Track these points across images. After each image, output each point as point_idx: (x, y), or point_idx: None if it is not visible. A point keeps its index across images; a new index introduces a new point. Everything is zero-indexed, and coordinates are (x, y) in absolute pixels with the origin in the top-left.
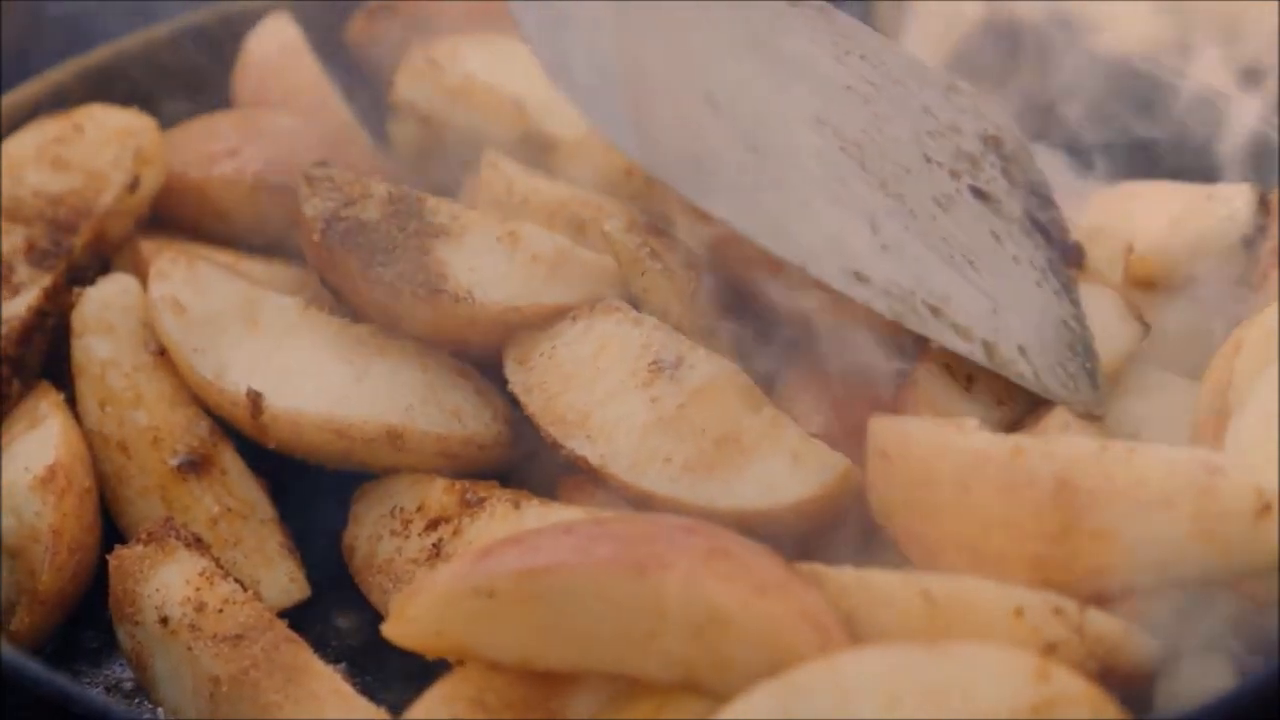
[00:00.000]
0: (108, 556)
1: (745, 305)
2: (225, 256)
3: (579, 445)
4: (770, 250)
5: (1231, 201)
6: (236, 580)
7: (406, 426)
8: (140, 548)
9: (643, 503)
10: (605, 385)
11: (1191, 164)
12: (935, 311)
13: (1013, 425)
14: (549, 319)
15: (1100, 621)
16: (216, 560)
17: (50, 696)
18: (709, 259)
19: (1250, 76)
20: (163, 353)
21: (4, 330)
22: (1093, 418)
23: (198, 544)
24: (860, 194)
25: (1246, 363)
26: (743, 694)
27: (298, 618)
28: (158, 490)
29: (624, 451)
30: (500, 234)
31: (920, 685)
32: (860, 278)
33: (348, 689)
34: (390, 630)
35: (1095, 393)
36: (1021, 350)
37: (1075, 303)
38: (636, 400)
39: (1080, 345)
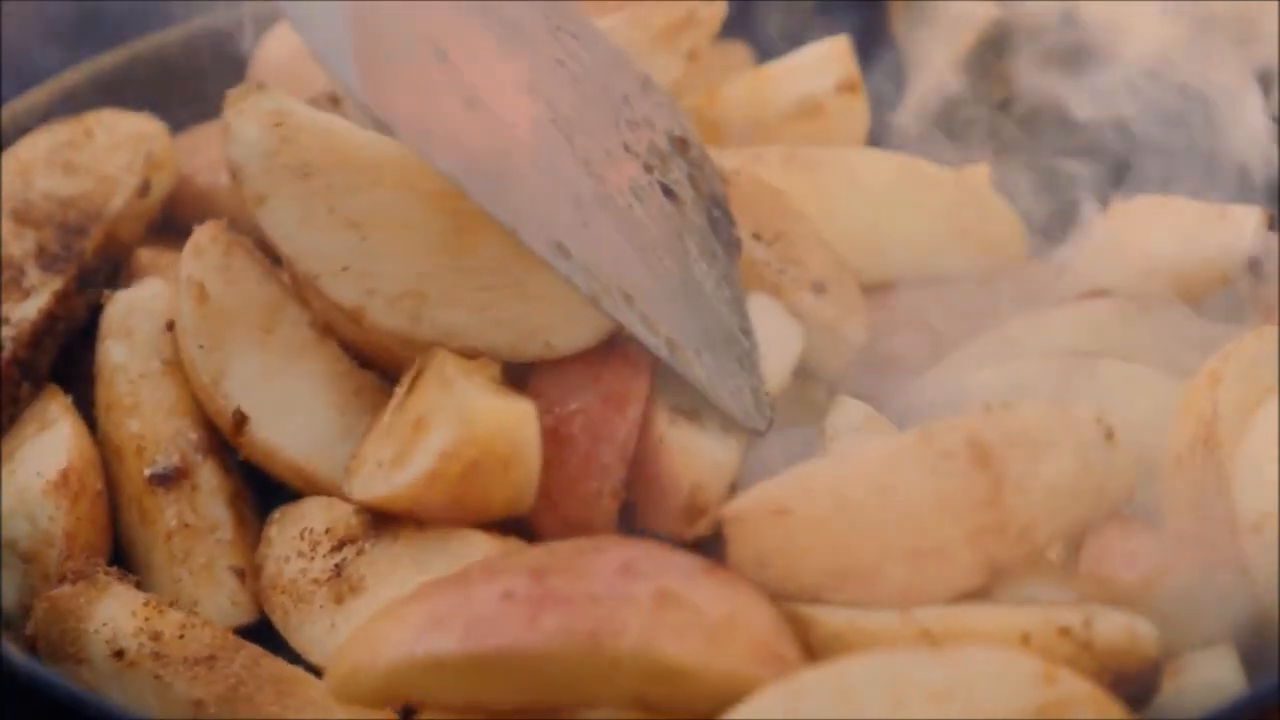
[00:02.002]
0: (34, 600)
1: None
2: None
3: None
4: (484, 208)
5: (1242, 223)
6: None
7: None
8: (69, 587)
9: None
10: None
11: (1205, 171)
12: (628, 299)
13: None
14: None
15: (1107, 630)
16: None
17: (64, 701)
18: None
19: (1266, 80)
20: (171, 327)
21: (14, 333)
22: (756, 433)
23: (124, 578)
24: (566, 169)
25: (1230, 394)
26: (747, 698)
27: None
28: (135, 500)
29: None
30: None
31: (925, 687)
32: (563, 251)
33: None
34: (333, 695)
35: (758, 410)
36: (698, 353)
37: (745, 317)
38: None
39: (748, 360)
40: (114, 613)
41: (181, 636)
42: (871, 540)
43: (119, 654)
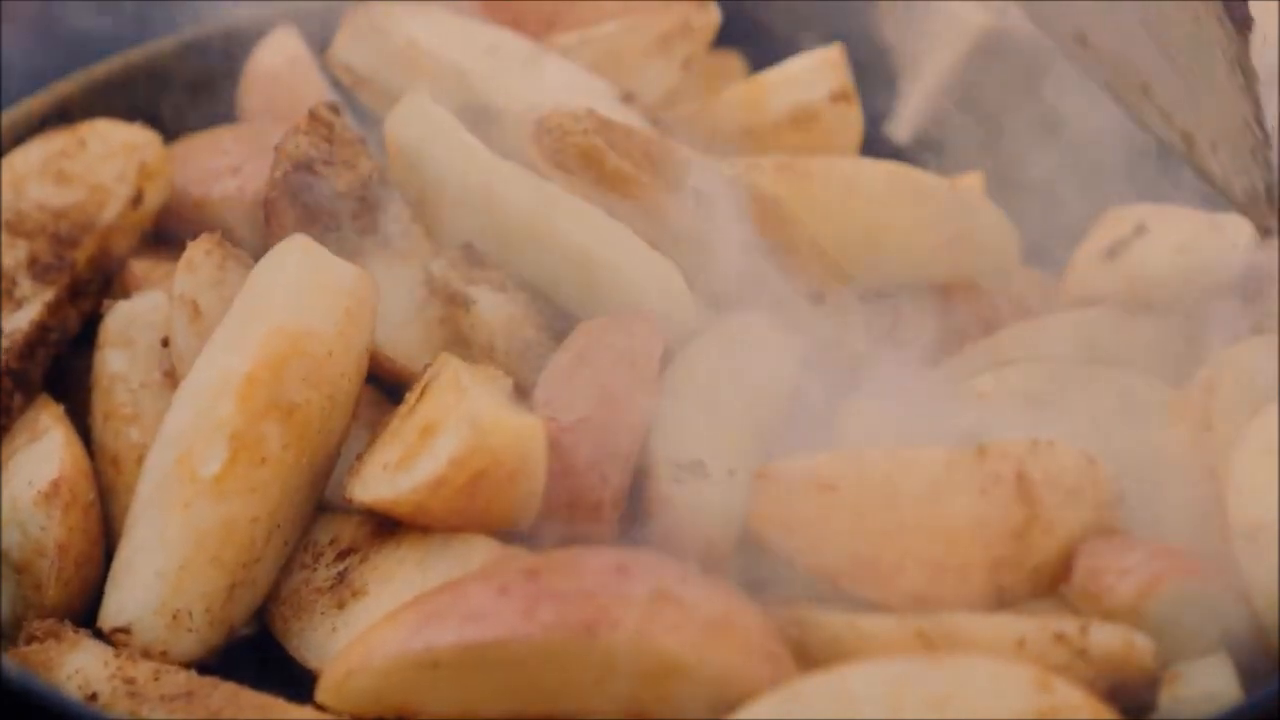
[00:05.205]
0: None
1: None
2: None
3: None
4: None
5: (1237, 232)
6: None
7: None
8: (37, 645)
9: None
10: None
11: (1200, 180)
12: (1145, 90)
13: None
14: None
15: (1103, 639)
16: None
17: (58, 712)
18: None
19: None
20: (167, 343)
21: (6, 344)
22: (1265, 232)
23: (93, 636)
24: None
25: (1224, 403)
26: (746, 704)
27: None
28: None
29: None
30: (425, 278)
31: (922, 695)
32: (1083, 41)
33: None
34: (326, 698)
35: (1270, 206)
36: (1213, 147)
37: (1258, 104)
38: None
39: (1260, 153)
40: (84, 663)
41: (156, 679)
42: (906, 540)
43: (92, 698)
